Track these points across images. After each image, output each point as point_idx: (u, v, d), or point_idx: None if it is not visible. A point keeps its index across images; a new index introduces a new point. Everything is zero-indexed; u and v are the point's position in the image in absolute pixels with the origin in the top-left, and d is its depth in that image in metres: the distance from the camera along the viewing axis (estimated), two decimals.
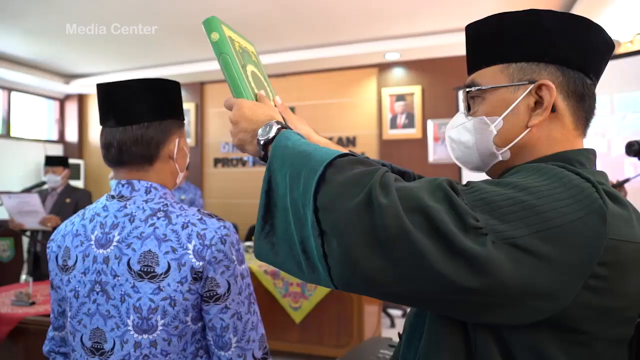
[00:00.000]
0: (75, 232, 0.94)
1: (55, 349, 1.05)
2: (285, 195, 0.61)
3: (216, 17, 0.79)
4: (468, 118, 0.73)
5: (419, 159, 4.87)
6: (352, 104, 5.25)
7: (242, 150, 0.76)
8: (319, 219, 0.55)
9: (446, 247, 0.50)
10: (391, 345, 1.68)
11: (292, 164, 0.61)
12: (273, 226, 0.63)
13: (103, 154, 0.95)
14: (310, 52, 4.89)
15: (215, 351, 0.92)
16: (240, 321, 0.92)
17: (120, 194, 0.94)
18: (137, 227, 0.89)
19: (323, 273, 0.56)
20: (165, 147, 0.96)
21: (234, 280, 0.91)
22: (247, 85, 0.78)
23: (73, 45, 4.92)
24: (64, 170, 3.48)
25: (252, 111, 0.74)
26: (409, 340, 0.70)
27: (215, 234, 0.90)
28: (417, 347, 0.67)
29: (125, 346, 0.87)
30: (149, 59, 5.41)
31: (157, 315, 0.86)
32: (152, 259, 0.86)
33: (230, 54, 0.77)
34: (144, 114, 0.92)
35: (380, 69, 5.10)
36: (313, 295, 3.32)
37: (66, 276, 0.93)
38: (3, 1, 3.73)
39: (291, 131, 0.70)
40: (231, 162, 5.77)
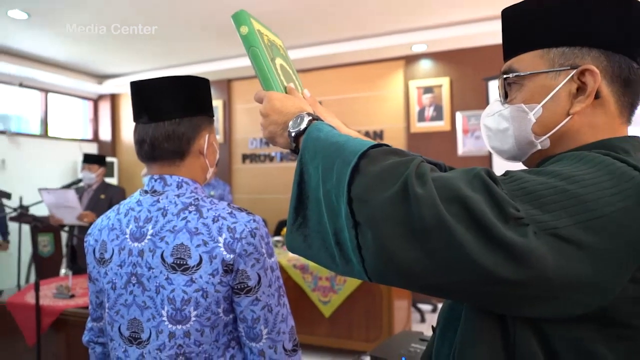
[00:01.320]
0: (111, 226, 0.97)
1: (94, 339, 1.09)
2: (318, 186, 0.61)
3: (245, 11, 0.79)
4: (505, 106, 0.70)
5: (447, 152, 4.79)
6: (379, 98, 5.21)
7: (272, 142, 0.76)
8: (353, 210, 0.54)
9: (485, 237, 0.49)
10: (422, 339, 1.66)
11: (325, 155, 0.61)
12: (305, 218, 0.63)
13: (136, 150, 0.98)
14: (336, 47, 4.87)
15: (247, 342, 0.94)
16: (270, 313, 0.93)
17: (153, 188, 0.96)
18: (169, 221, 0.91)
19: (357, 265, 0.55)
20: (195, 143, 0.97)
21: (264, 273, 0.92)
22: (276, 78, 0.78)
23: (105, 47, 5.07)
24: (99, 168, 3.59)
25: (283, 103, 0.74)
26: (443, 333, 0.69)
27: (245, 228, 0.91)
28: (452, 340, 0.65)
29: (160, 336, 0.89)
30: (178, 58, 5.52)
31: (190, 306, 0.88)
32: (185, 251, 0.88)
33: (259, 47, 0.77)
34: (175, 111, 0.94)
35: (407, 61, 5.03)
36: (342, 290, 3.33)
37: (103, 269, 0.96)
38: (41, 7, 3.87)
39: (322, 122, 0.69)
40: (259, 157, 5.83)
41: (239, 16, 0.79)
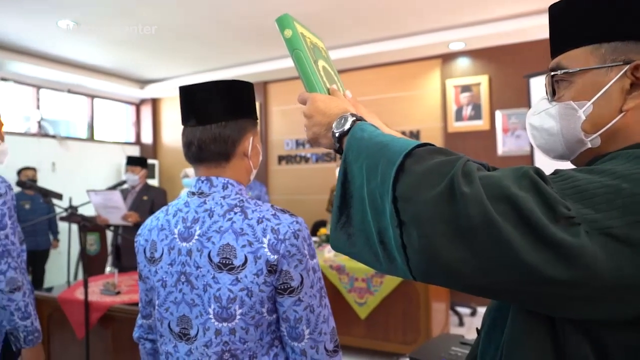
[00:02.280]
0: (160, 227, 1.01)
1: (144, 335, 1.13)
2: (362, 186, 0.61)
3: (289, 15, 0.81)
4: (552, 104, 0.69)
5: (486, 151, 4.68)
6: (415, 97, 5.15)
7: (316, 143, 0.77)
8: (398, 209, 0.54)
9: (535, 237, 0.48)
10: (463, 342, 1.63)
11: (369, 155, 0.61)
12: (349, 217, 0.64)
13: (184, 152, 1.01)
14: (372, 47, 4.85)
15: (289, 342, 0.95)
16: (312, 314, 0.94)
17: (200, 190, 0.99)
18: (216, 222, 0.94)
19: (401, 264, 0.55)
20: (240, 145, 1.00)
21: (307, 274, 0.94)
22: (319, 80, 0.79)
23: (146, 53, 5.25)
24: (142, 170, 3.72)
25: (326, 104, 0.75)
26: (489, 334, 0.68)
27: (288, 229, 0.92)
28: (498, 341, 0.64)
29: (207, 333, 0.92)
30: (215, 62, 5.65)
31: (235, 305, 0.90)
32: (230, 251, 0.91)
33: (303, 50, 0.79)
34: (221, 114, 0.97)
35: (444, 60, 4.95)
36: (379, 291, 3.31)
37: (154, 267, 1.00)
38: (88, 16, 4.06)
39: (366, 123, 0.70)
40: (294, 159, 5.88)
41: (283, 20, 0.80)
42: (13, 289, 1.46)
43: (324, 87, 0.80)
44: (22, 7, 3.85)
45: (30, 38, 4.64)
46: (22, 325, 1.48)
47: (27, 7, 3.85)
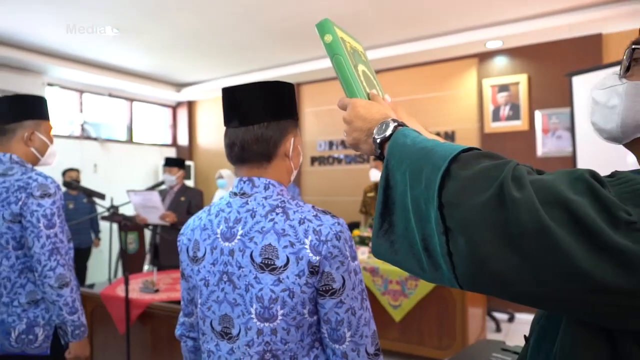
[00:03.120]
0: (203, 227, 1.02)
1: (186, 333, 1.15)
2: (405, 192, 0.60)
3: (329, 20, 0.80)
4: (622, 80, 0.65)
5: (525, 152, 4.54)
6: (450, 97, 5.06)
7: (356, 149, 0.76)
8: (444, 215, 0.53)
9: (592, 243, 0.46)
10: (505, 349, 1.58)
11: (412, 160, 0.60)
12: (392, 224, 0.63)
13: (227, 153, 1.02)
14: (406, 47, 4.80)
15: (330, 344, 0.95)
16: (354, 316, 0.93)
17: (242, 190, 1.00)
18: (258, 222, 0.94)
19: (447, 272, 0.54)
20: (282, 146, 1.00)
21: (348, 276, 0.93)
22: (359, 85, 0.79)
23: (183, 57, 5.38)
24: (179, 171, 3.81)
25: (367, 110, 0.74)
26: (538, 343, 0.65)
27: (330, 230, 0.92)
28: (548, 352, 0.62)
29: (249, 332, 0.93)
30: (248, 65, 5.73)
31: (277, 305, 0.90)
32: (272, 252, 0.91)
33: (343, 55, 0.78)
34: (263, 115, 0.98)
35: (480, 59, 4.84)
36: (413, 294, 3.26)
37: (196, 266, 1.01)
38: (129, 23, 4.20)
39: (408, 128, 0.68)
40: (327, 160, 5.89)
41: (323, 25, 0.80)
42: (62, 284, 1.52)
43: (364, 92, 0.79)
44: (67, 16, 4.03)
45: (74, 45, 4.84)
46: (70, 320, 1.54)
47: (72, 15, 4.02)
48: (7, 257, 1.52)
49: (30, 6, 3.82)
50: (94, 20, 4.15)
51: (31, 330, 1.54)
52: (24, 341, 1.53)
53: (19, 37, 4.56)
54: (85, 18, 4.10)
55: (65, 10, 3.93)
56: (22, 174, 1.55)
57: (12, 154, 1.59)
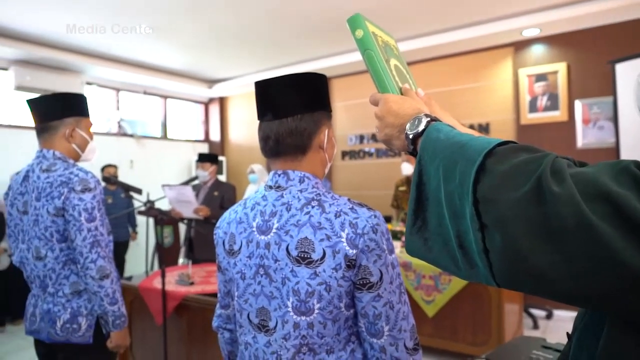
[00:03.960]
0: (238, 220, 1.03)
1: (223, 325, 1.17)
2: (439, 188, 0.58)
3: (360, 15, 0.79)
4: None
5: (564, 144, 4.37)
6: (484, 88, 4.92)
7: (388, 145, 0.75)
8: (479, 211, 0.51)
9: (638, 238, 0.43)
10: (545, 346, 1.53)
11: (446, 155, 0.59)
12: (425, 220, 0.61)
13: (261, 146, 1.02)
14: (438, 37, 4.70)
15: (367, 338, 0.94)
16: (392, 310, 0.92)
17: (277, 184, 1.00)
18: (293, 215, 0.94)
19: (483, 269, 0.52)
20: (316, 138, 1.00)
21: (386, 269, 0.92)
22: (392, 80, 0.78)
23: (215, 54, 5.45)
24: (212, 166, 3.87)
25: (399, 105, 0.72)
26: (581, 341, 0.62)
27: (367, 223, 0.91)
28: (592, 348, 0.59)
29: (285, 326, 0.93)
30: (279, 60, 5.75)
31: (313, 298, 0.90)
32: (309, 245, 0.91)
33: (374, 50, 0.77)
34: (297, 107, 0.97)
35: (516, 48, 4.68)
36: (447, 289, 3.21)
37: (233, 259, 1.02)
38: (163, 22, 4.28)
39: (441, 123, 0.67)
40: (358, 154, 5.86)
41: (354, 20, 0.79)
42: (102, 276, 1.57)
43: (396, 86, 0.78)
44: (104, 16, 4.14)
45: (111, 44, 4.99)
46: (111, 310, 1.59)
47: (109, 15, 4.13)
48: (51, 250, 1.58)
49: (68, 7, 3.95)
50: (130, 19, 4.25)
51: (75, 320, 1.59)
52: (68, 330, 1.59)
53: (59, 38, 4.73)
54: (121, 18, 4.20)
55: (102, 11, 4.04)
56: (65, 169, 1.60)
57: (55, 150, 1.65)
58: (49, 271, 1.59)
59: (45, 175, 1.59)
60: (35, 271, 1.62)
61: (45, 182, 1.58)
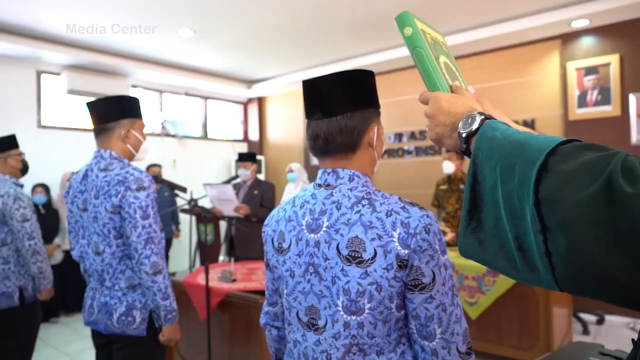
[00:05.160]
0: (287, 218, 1.03)
1: (270, 322, 1.18)
2: (495, 188, 0.56)
3: (408, 12, 0.78)
4: None
5: (617, 140, 4.15)
6: (530, 83, 4.75)
7: (439, 144, 0.73)
8: (541, 212, 0.49)
9: None
10: (603, 353, 1.45)
11: (503, 154, 0.56)
12: (480, 221, 0.60)
13: (309, 145, 1.02)
14: (481, 32, 4.57)
15: (418, 340, 0.92)
16: (444, 312, 0.90)
17: (326, 182, 0.99)
18: (344, 214, 0.93)
19: (544, 273, 0.50)
20: (366, 135, 0.98)
21: (438, 270, 0.89)
22: (442, 78, 0.76)
23: (254, 54, 5.53)
24: (252, 165, 3.93)
25: (450, 104, 0.71)
26: None
27: (419, 223, 0.89)
28: None
29: (335, 325, 0.92)
30: (317, 59, 5.76)
31: (364, 298, 0.89)
32: (359, 244, 0.90)
33: (424, 48, 0.75)
34: (346, 105, 0.96)
35: (564, 41, 4.48)
36: (491, 291, 3.12)
37: (282, 257, 1.03)
38: (205, 25, 4.38)
39: (496, 121, 0.64)
40: (396, 152, 5.79)
41: (403, 18, 0.78)
42: (156, 272, 1.62)
43: (447, 84, 0.76)
44: (148, 21, 4.28)
45: (155, 48, 5.15)
46: (163, 305, 1.64)
47: (153, 20, 4.27)
48: (109, 245, 1.65)
49: (114, 13, 4.11)
50: (172, 23, 4.38)
51: (130, 313, 1.66)
52: (123, 322, 1.65)
53: (107, 43, 4.94)
54: (164, 22, 4.33)
55: (146, 15, 4.18)
56: (121, 168, 1.67)
57: (112, 150, 1.72)
58: (107, 266, 1.66)
59: (103, 175, 1.66)
60: (93, 265, 1.69)
61: (103, 181, 1.65)
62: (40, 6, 3.92)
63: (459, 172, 4.00)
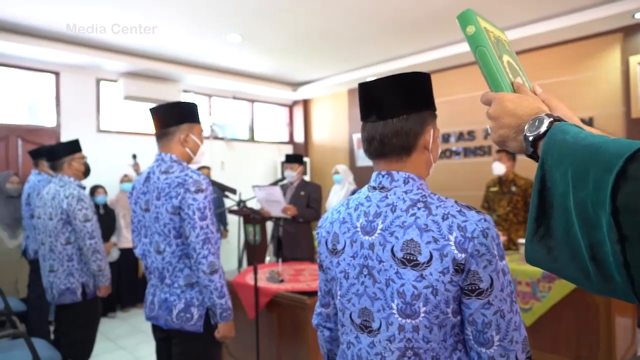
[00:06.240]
0: (342, 220, 1.04)
1: (323, 323, 1.19)
2: (567, 195, 0.54)
3: (471, 10, 0.76)
4: None
5: None
6: (588, 80, 4.50)
7: (502, 146, 0.71)
8: (619, 221, 0.46)
9: None
10: None
11: (575, 159, 0.54)
12: (549, 229, 0.57)
13: (364, 147, 1.02)
14: (535, 27, 4.39)
15: (475, 346, 0.89)
16: (503, 319, 0.87)
17: (380, 184, 0.99)
18: (399, 217, 0.93)
19: (622, 285, 0.47)
20: (421, 138, 0.97)
21: (497, 276, 0.87)
22: (505, 77, 0.73)
23: (299, 57, 5.59)
24: (299, 167, 3.97)
25: (516, 105, 0.68)
26: None
27: (476, 227, 0.87)
28: None
29: (390, 328, 0.91)
30: (361, 60, 5.75)
31: (419, 302, 0.88)
32: (415, 247, 0.89)
33: (487, 47, 0.73)
34: (402, 107, 0.96)
35: (625, 34, 4.23)
36: (547, 298, 2.98)
37: (336, 259, 1.03)
38: (252, 30, 4.48)
39: (567, 123, 0.61)
40: (444, 153, 5.67)
41: (465, 16, 0.75)
42: (212, 271, 1.68)
43: (510, 84, 0.73)
44: (198, 27, 4.43)
45: (205, 53, 5.33)
46: (219, 303, 1.69)
47: (202, 26, 4.41)
48: (169, 245, 1.72)
49: (167, 22, 4.29)
50: (220, 29, 4.51)
51: (188, 310, 1.72)
52: (182, 318, 1.72)
53: (160, 50, 5.16)
54: (213, 27, 4.47)
55: (196, 22, 4.33)
56: (180, 171, 1.74)
57: (172, 154, 1.80)
58: (167, 264, 1.74)
59: (164, 177, 1.74)
60: (155, 263, 1.77)
61: (164, 183, 1.72)
62: (98, 14, 4.15)
63: (511, 173, 3.86)
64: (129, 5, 3.90)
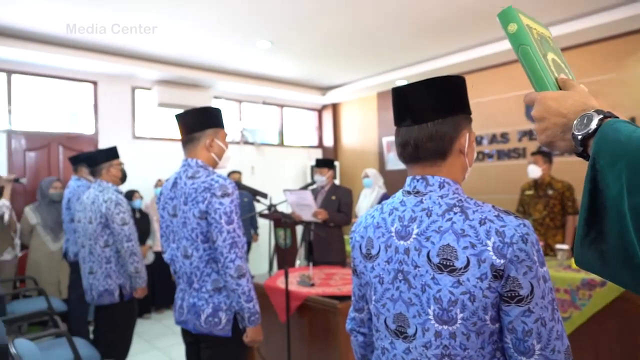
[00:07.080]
0: (376, 225, 1.03)
1: (356, 328, 1.18)
2: (621, 197, 0.52)
3: (513, 7, 0.73)
4: None
5: None
6: (629, 79, 4.33)
7: (550, 147, 0.69)
8: None
9: None
10: None
11: (630, 160, 0.51)
12: (602, 232, 0.55)
13: (398, 152, 1.01)
14: (572, 25, 4.25)
15: (515, 355, 0.87)
16: (544, 327, 0.84)
17: (415, 189, 0.98)
18: (434, 222, 0.92)
19: None
20: (457, 142, 0.96)
21: (537, 283, 0.84)
22: (550, 76, 0.70)
23: (328, 62, 5.61)
24: (329, 171, 3.98)
25: (559, 103, 0.66)
26: None
27: (515, 232, 0.85)
28: None
29: (426, 334, 0.90)
30: (391, 63, 5.71)
31: (456, 308, 0.86)
32: (451, 252, 0.87)
33: (530, 45, 0.71)
34: (437, 111, 0.95)
35: None
36: (587, 306, 2.87)
37: (370, 264, 1.03)
38: (282, 35, 4.53)
39: (619, 120, 0.58)
40: (477, 156, 5.56)
41: (507, 13, 0.73)
42: (240, 275, 1.69)
43: (555, 82, 0.70)
44: (228, 35, 4.52)
45: (235, 60, 5.42)
46: (247, 307, 1.70)
47: (233, 33, 4.49)
48: (196, 249, 1.75)
49: (200, 31, 4.39)
50: (250, 35, 4.58)
51: (216, 314, 1.74)
52: (210, 323, 1.74)
53: (192, 58, 5.28)
54: (243, 34, 4.54)
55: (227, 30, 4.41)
56: (207, 176, 1.76)
57: (198, 159, 1.82)
58: (194, 269, 1.76)
59: (191, 182, 1.76)
60: (183, 268, 1.80)
61: (190, 188, 1.75)
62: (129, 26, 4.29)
63: (547, 176, 3.75)
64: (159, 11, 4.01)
